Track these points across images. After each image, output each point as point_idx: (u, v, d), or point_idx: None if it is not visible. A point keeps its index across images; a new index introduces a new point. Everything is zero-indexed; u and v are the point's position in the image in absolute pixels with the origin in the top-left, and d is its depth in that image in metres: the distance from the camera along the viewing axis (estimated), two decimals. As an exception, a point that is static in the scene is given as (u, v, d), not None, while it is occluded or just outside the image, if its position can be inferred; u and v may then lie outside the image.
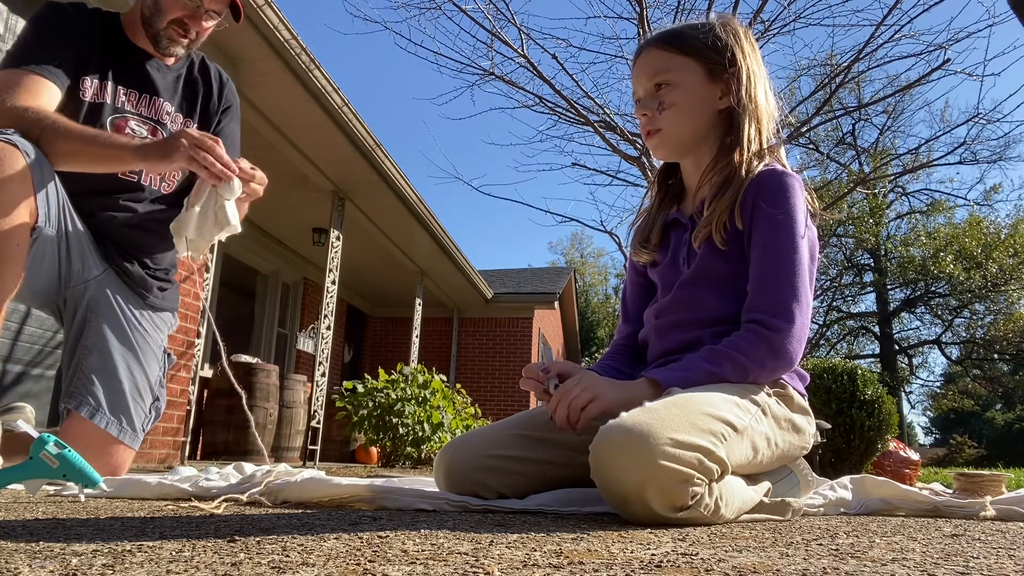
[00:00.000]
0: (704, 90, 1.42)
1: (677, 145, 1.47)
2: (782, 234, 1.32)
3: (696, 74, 1.42)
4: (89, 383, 1.79)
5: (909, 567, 0.71)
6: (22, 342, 3.42)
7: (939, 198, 24.46)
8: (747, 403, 1.23)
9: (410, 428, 6.15)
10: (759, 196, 1.34)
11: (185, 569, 0.61)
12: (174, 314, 2.10)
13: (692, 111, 1.43)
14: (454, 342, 12.14)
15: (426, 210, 7.52)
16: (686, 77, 1.43)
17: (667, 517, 1.06)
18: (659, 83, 1.44)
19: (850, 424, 5.85)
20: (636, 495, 1.05)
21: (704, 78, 1.42)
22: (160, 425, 3.99)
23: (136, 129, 1.85)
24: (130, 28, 1.88)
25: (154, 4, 1.80)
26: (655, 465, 1.02)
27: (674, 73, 1.43)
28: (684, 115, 1.43)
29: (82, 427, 1.75)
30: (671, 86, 1.43)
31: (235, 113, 2.11)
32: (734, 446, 1.16)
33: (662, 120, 1.44)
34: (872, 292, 26.55)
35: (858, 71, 7.96)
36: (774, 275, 1.31)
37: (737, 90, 1.40)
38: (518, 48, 7.62)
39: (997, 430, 34.97)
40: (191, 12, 1.81)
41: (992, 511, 1.49)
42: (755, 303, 1.32)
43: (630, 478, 1.04)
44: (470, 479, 1.38)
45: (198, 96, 2.00)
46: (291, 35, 4.45)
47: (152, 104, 1.89)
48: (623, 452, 1.05)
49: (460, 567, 0.64)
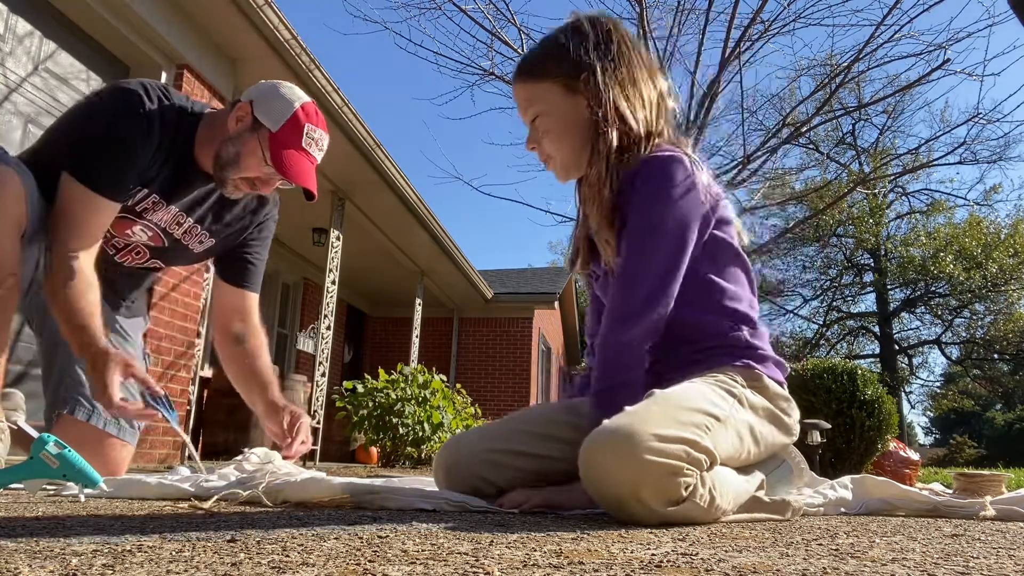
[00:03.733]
0: (569, 108, 1.40)
1: (568, 167, 1.46)
2: (642, 226, 1.31)
3: (556, 95, 1.40)
4: (80, 386, 1.78)
5: (909, 567, 0.71)
6: (22, 342, 3.43)
7: (939, 198, 24.44)
8: (723, 394, 1.25)
9: (410, 428, 6.15)
10: (632, 192, 1.32)
11: (185, 569, 0.61)
12: (145, 318, 2.12)
13: (566, 132, 1.41)
14: (454, 342, 12.14)
15: (426, 210, 7.52)
16: (550, 102, 1.41)
17: (665, 513, 1.07)
18: (533, 117, 1.44)
19: (850, 424, 5.85)
20: (630, 494, 1.06)
21: (565, 96, 1.39)
22: (160, 425, 3.98)
23: (138, 234, 1.80)
24: (202, 143, 1.72)
25: (236, 157, 1.66)
26: (643, 461, 1.04)
27: (539, 103, 1.42)
28: (560, 139, 1.42)
29: (80, 428, 1.75)
30: (542, 115, 1.42)
31: (267, 239, 2.02)
32: (719, 435, 1.17)
33: (546, 148, 1.44)
34: (872, 292, 26.55)
35: (858, 71, 7.97)
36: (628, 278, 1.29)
37: (591, 98, 1.37)
38: (518, 48, 7.63)
39: (997, 430, 34.96)
40: (267, 178, 1.71)
41: (992, 511, 1.49)
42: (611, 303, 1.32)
43: (621, 478, 1.06)
44: (470, 473, 1.40)
45: (227, 212, 1.89)
46: (291, 35, 4.45)
47: (168, 210, 1.79)
48: (610, 455, 1.07)
49: (460, 567, 0.64)
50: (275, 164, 1.64)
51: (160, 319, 4.03)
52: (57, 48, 3.74)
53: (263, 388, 1.89)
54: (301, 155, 1.67)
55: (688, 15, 7.86)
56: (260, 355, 1.94)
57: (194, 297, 4.36)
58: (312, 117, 1.70)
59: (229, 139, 1.67)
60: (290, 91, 1.71)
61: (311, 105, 1.72)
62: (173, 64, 4.20)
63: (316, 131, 1.70)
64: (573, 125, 1.40)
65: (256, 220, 1.95)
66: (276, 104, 1.67)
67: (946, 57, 7.18)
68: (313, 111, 1.71)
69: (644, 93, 1.40)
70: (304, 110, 1.68)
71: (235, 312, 1.96)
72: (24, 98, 3.53)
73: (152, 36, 3.99)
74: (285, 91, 1.70)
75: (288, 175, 1.64)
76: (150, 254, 1.88)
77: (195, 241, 1.88)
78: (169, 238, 1.84)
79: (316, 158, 1.72)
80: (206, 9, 4.13)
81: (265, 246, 2.02)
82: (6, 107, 3.44)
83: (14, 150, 3.42)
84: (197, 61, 4.30)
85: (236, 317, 1.96)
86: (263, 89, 1.71)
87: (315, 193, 1.66)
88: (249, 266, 1.97)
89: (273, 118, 1.65)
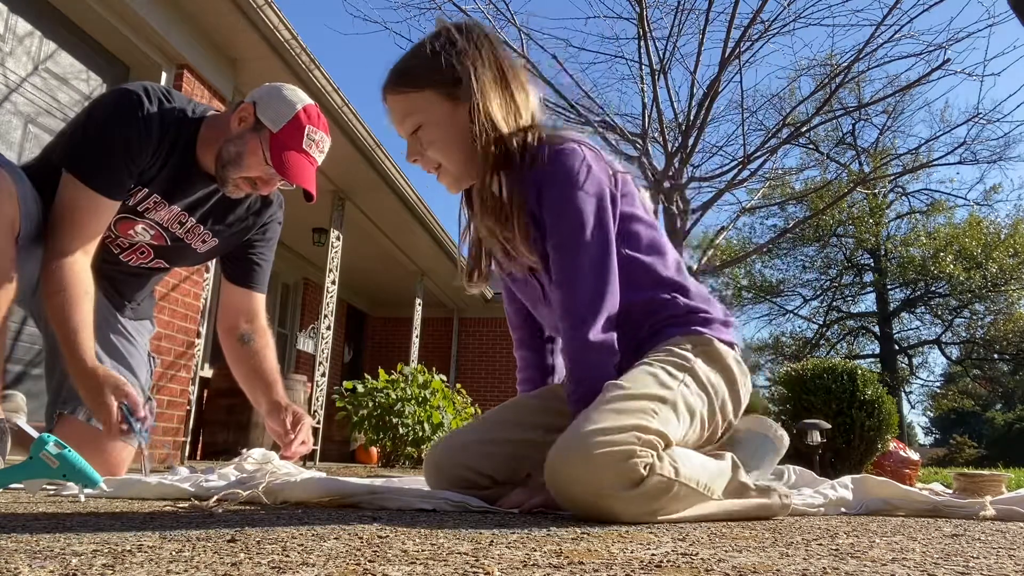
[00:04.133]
0: (452, 115, 1.38)
1: (459, 176, 1.45)
2: (564, 227, 1.31)
3: (437, 104, 1.38)
4: None
5: (909, 567, 0.71)
6: (22, 342, 3.43)
7: (939, 198, 24.42)
8: (673, 370, 1.27)
9: (410, 428, 6.15)
10: (540, 192, 1.33)
11: (185, 569, 0.61)
12: (152, 321, 2.12)
13: (452, 141, 1.39)
14: (454, 342, 12.14)
15: (426, 210, 7.52)
16: (431, 111, 1.39)
17: (635, 498, 1.09)
18: (414, 128, 1.41)
19: (850, 424, 5.85)
20: (594, 492, 1.09)
21: (446, 104, 1.38)
22: (160, 425, 3.99)
23: (140, 233, 1.80)
24: (204, 143, 1.73)
25: (237, 156, 1.67)
26: (593, 457, 1.08)
27: (419, 113, 1.40)
28: (447, 148, 1.40)
29: (81, 428, 1.75)
30: (424, 125, 1.40)
31: (272, 240, 2.02)
32: (668, 416, 1.20)
33: (433, 159, 1.42)
34: (872, 292, 26.54)
35: (858, 71, 7.98)
36: (568, 279, 1.30)
37: (471, 106, 1.35)
38: (518, 48, 7.64)
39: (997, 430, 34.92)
40: (268, 178, 1.71)
41: (992, 511, 1.49)
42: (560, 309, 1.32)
43: (581, 481, 1.10)
44: (461, 465, 1.45)
45: (230, 212, 1.89)
46: (291, 35, 4.45)
47: (171, 210, 1.79)
48: (564, 465, 1.11)
49: (460, 567, 0.64)
50: (275, 164, 1.66)
51: (160, 319, 4.03)
52: (57, 48, 3.74)
53: (267, 388, 1.90)
54: (301, 156, 1.68)
55: (688, 15, 7.87)
56: (266, 355, 1.96)
57: (194, 297, 4.36)
58: (313, 119, 1.71)
59: (231, 139, 1.69)
60: (293, 93, 1.73)
61: (313, 107, 1.73)
62: (173, 64, 4.20)
63: (317, 133, 1.71)
64: (458, 133, 1.38)
65: (260, 221, 1.96)
66: (278, 106, 1.69)
67: (946, 57, 7.19)
68: (315, 113, 1.73)
69: (517, 97, 1.40)
70: (306, 112, 1.70)
71: (241, 312, 1.97)
72: (24, 98, 3.53)
73: (152, 36, 3.99)
74: (288, 93, 1.72)
75: (287, 175, 1.65)
76: (154, 253, 1.88)
77: (198, 240, 1.88)
78: (172, 237, 1.85)
79: (316, 159, 1.73)
80: (206, 9, 4.13)
81: (270, 247, 2.02)
82: (6, 107, 3.44)
83: (14, 150, 3.44)
84: (197, 61, 4.30)
85: (242, 317, 1.97)
86: (266, 91, 1.73)
87: (314, 194, 1.67)
88: (255, 266, 1.98)
89: (275, 119, 1.67)
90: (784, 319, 26.80)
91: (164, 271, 2.01)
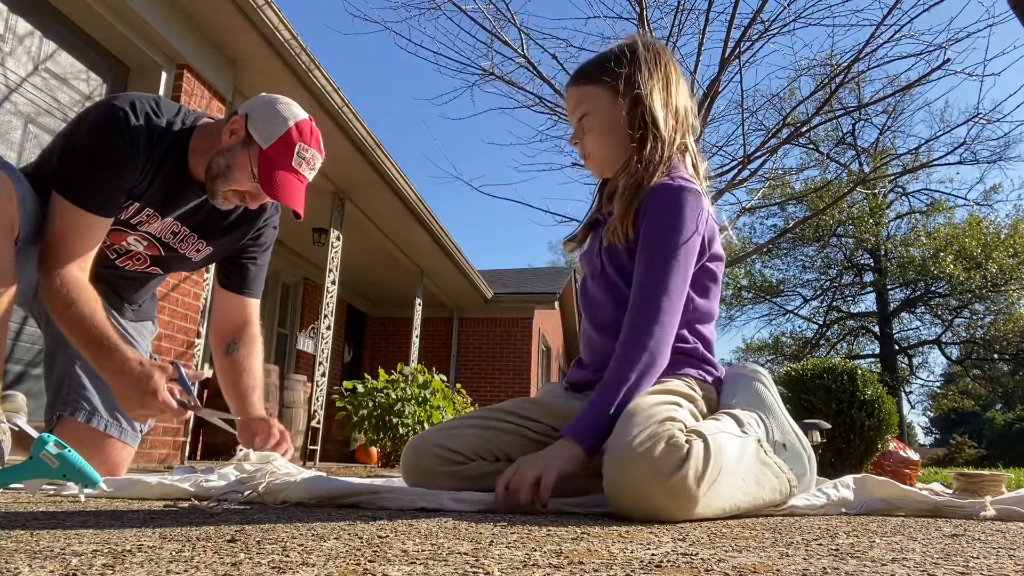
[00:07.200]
0: (613, 109, 1.54)
1: (603, 163, 1.62)
2: (657, 255, 1.41)
3: (603, 98, 1.56)
4: (81, 388, 1.78)
5: (909, 567, 0.71)
6: (22, 342, 3.43)
7: (939, 198, 24.44)
8: (680, 399, 1.37)
9: (410, 428, 6.15)
10: (647, 212, 1.44)
11: (185, 569, 0.61)
12: (154, 322, 2.12)
13: (607, 131, 1.57)
14: (454, 342, 12.14)
15: (426, 210, 7.52)
16: (597, 103, 1.57)
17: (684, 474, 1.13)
18: (581, 115, 1.60)
19: (850, 424, 5.85)
20: (649, 479, 1.13)
21: (611, 100, 1.55)
22: (160, 425, 3.99)
23: (133, 244, 1.80)
24: (196, 153, 1.71)
25: (227, 169, 1.66)
26: (638, 455, 1.14)
27: (587, 103, 1.59)
28: (602, 136, 1.58)
29: (80, 430, 1.75)
30: (588, 115, 1.59)
31: (267, 245, 2.00)
32: (686, 412, 1.32)
33: (587, 145, 1.61)
34: (872, 292, 26.55)
35: (858, 71, 7.96)
36: (643, 299, 1.40)
37: (631, 109, 1.52)
38: (518, 48, 7.63)
39: (997, 430, 34.94)
40: (256, 192, 1.70)
41: (992, 511, 1.49)
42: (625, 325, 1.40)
43: (636, 473, 1.14)
44: (434, 444, 1.52)
45: (224, 220, 1.88)
46: (291, 35, 4.45)
47: (164, 222, 1.79)
48: (616, 475, 1.16)
49: (460, 567, 0.64)
50: (262, 182, 1.63)
51: (160, 319, 4.02)
52: (57, 48, 3.74)
53: (242, 401, 1.90)
54: (290, 175, 1.65)
55: (688, 15, 7.85)
56: (246, 366, 1.93)
57: (194, 297, 4.36)
58: (306, 136, 1.68)
59: (221, 151, 1.66)
60: (286, 107, 1.69)
61: (306, 123, 1.69)
62: (173, 64, 4.20)
63: (308, 150, 1.68)
64: (615, 126, 1.55)
65: (255, 226, 1.94)
66: (270, 121, 1.65)
67: (946, 57, 7.17)
68: (307, 129, 1.69)
69: (680, 109, 1.57)
70: (298, 128, 1.66)
71: (234, 318, 1.95)
72: (24, 98, 3.53)
73: (152, 36, 3.99)
74: (281, 107, 1.68)
75: (273, 194, 1.63)
76: (149, 261, 1.88)
77: (192, 250, 1.87)
78: (165, 247, 1.83)
79: (306, 177, 1.70)
80: (206, 9, 4.13)
81: (265, 252, 2.00)
82: (6, 107, 3.44)
83: (14, 150, 3.44)
84: (197, 61, 4.30)
85: (234, 323, 1.95)
86: (259, 103, 1.70)
87: (301, 214, 1.65)
88: (249, 272, 1.96)
89: (265, 135, 1.64)
90: (784, 319, 26.84)
91: (162, 276, 2.01)
